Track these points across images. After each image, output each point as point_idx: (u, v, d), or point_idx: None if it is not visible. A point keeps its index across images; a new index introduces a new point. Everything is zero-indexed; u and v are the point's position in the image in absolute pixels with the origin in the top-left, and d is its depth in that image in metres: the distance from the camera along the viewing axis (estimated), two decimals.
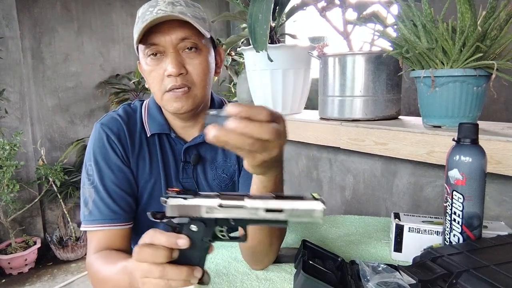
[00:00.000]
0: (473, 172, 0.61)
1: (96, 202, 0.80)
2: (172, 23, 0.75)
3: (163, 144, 0.88)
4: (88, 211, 0.81)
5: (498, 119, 1.25)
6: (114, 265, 0.69)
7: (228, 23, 3.34)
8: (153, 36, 0.76)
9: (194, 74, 0.79)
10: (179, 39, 0.76)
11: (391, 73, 1.23)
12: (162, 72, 0.78)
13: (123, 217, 0.81)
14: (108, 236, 0.80)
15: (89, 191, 0.81)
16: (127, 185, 0.83)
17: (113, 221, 0.80)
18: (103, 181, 0.81)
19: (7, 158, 2.38)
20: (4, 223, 2.56)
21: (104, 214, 0.80)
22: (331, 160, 1.56)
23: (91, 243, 0.80)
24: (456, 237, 0.64)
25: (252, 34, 1.22)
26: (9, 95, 2.62)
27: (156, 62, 0.78)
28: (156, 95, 0.82)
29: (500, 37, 0.90)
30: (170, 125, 0.87)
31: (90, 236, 0.81)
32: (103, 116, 0.88)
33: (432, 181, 1.18)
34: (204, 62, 0.80)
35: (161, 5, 0.76)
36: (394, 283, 0.61)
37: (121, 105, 0.91)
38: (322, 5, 1.46)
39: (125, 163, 0.84)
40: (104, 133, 0.83)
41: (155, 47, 0.77)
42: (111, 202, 0.80)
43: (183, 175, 0.88)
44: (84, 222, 0.81)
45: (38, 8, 2.74)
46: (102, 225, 0.79)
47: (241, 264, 0.79)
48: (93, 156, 0.82)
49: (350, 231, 0.96)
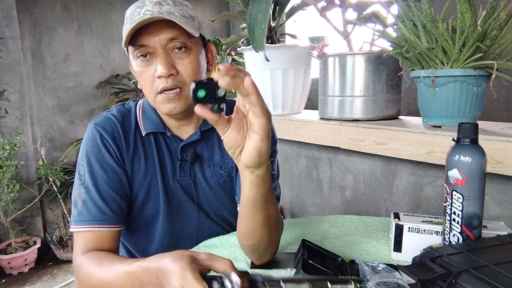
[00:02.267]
0: (473, 172, 0.61)
1: (85, 202, 0.78)
2: (160, 24, 0.74)
3: (159, 143, 0.87)
4: (77, 211, 0.79)
5: (498, 119, 1.25)
6: (110, 268, 0.68)
7: (228, 23, 3.34)
8: (141, 38, 0.75)
9: (185, 74, 0.78)
10: (168, 40, 0.75)
11: (391, 73, 1.23)
12: (152, 73, 0.77)
13: (113, 218, 0.79)
14: (96, 238, 0.77)
15: (79, 191, 0.79)
16: (119, 186, 0.82)
17: (103, 222, 0.78)
18: (94, 181, 0.79)
19: (7, 158, 2.38)
20: (4, 223, 2.56)
21: (93, 214, 0.78)
22: (331, 160, 1.56)
23: (78, 243, 0.77)
24: (455, 237, 0.64)
25: (251, 33, 1.22)
26: (9, 95, 2.62)
27: (146, 63, 0.77)
28: (149, 97, 0.81)
29: (500, 37, 0.90)
30: (165, 124, 0.87)
31: (77, 236, 0.78)
32: (97, 117, 0.87)
33: (432, 181, 1.18)
34: (194, 61, 0.79)
35: (148, 5, 0.75)
36: (393, 283, 0.61)
37: (115, 105, 0.90)
38: (322, 5, 1.46)
39: (119, 164, 0.82)
40: (97, 133, 0.82)
41: (144, 48, 0.76)
42: (102, 202, 0.78)
43: (180, 174, 0.87)
44: (73, 223, 0.79)
45: (38, 8, 2.74)
46: (90, 226, 0.77)
47: (241, 263, 0.79)
48: (86, 156, 0.81)
49: (350, 231, 0.96)
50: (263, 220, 0.68)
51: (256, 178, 0.61)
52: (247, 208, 0.66)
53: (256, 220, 0.68)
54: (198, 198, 0.89)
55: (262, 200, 0.64)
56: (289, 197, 1.85)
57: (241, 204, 0.68)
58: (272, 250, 0.77)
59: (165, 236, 0.89)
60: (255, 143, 0.56)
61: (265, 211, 0.66)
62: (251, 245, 0.73)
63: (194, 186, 0.89)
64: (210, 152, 0.90)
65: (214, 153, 0.90)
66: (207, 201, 0.90)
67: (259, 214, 0.67)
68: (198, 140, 0.87)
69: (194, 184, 0.89)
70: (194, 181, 0.89)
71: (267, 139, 0.57)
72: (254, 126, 0.56)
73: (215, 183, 0.90)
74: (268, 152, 0.59)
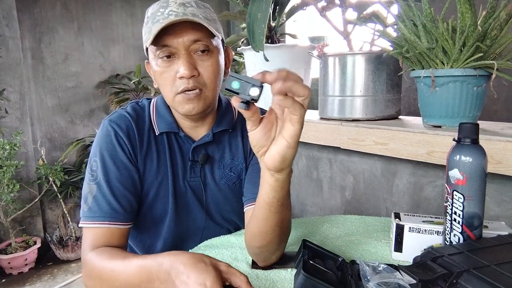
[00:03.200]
0: (474, 172, 0.61)
1: (97, 198, 0.78)
2: (185, 25, 0.74)
3: (172, 143, 0.87)
4: (87, 207, 0.77)
5: (498, 119, 1.25)
6: (122, 260, 0.67)
7: (228, 23, 3.34)
8: (165, 38, 0.74)
9: (206, 76, 0.78)
10: (192, 41, 0.75)
11: (391, 73, 1.23)
12: (173, 74, 0.77)
13: (123, 216, 0.79)
14: (106, 234, 0.77)
15: (90, 187, 0.79)
16: (131, 184, 0.82)
17: (113, 219, 0.77)
18: (107, 178, 0.79)
19: (7, 158, 2.38)
20: (4, 223, 2.56)
21: (104, 211, 0.77)
22: (331, 160, 1.55)
23: (87, 240, 0.76)
24: (456, 237, 0.64)
25: (251, 33, 1.22)
26: (9, 95, 2.62)
27: (167, 63, 0.77)
28: (167, 97, 0.81)
29: (500, 37, 0.90)
30: (178, 124, 0.87)
31: (87, 232, 0.77)
32: (112, 113, 0.86)
33: (432, 181, 1.18)
34: (215, 64, 0.79)
35: (172, 6, 0.75)
36: (394, 283, 0.61)
37: (129, 103, 0.90)
38: (322, 5, 1.46)
39: (132, 161, 0.82)
40: (112, 130, 0.81)
41: (167, 48, 0.75)
42: (113, 199, 0.78)
43: (191, 174, 0.87)
44: (82, 218, 0.78)
45: (38, 8, 2.73)
46: (101, 222, 0.76)
47: (241, 264, 0.79)
48: (99, 152, 0.80)
49: (350, 231, 0.96)
50: (275, 224, 0.67)
51: (275, 181, 0.60)
52: (262, 210, 0.65)
53: (269, 223, 0.67)
54: (207, 199, 0.89)
55: (278, 204, 0.63)
56: None
57: (256, 205, 0.67)
58: (278, 254, 0.76)
59: (170, 235, 0.89)
60: (281, 148, 0.55)
61: (279, 215, 0.66)
62: (259, 247, 0.73)
63: (204, 187, 0.89)
64: (221, 154, 0.90)
65: (224, 155, 0.90)
66: (215, 203, 0.90)
67: (272, 217, 0.66)
68: (209, 141, 0.87)
69: (203, 185, 0.89)
70: (204, 182, 0.89)
71: (295, 147, 0.55)
72: (285, 132, 0.54)
73: (224, 184, 0.90)
74: (292, 159, 0.57)
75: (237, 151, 0.91)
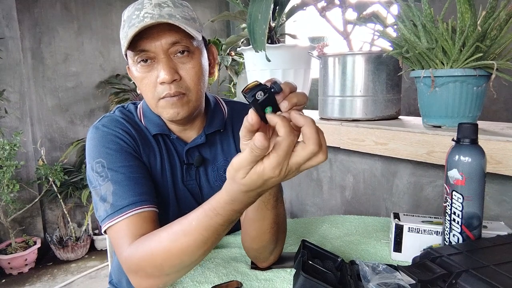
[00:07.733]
0: (473, 172, 0.61)
1: (115, 192, 0.71)
2: (162, 27, 0.71)
3: (167, 145, 0.84)
4: (109, 205, 0.70)
5: (498, 119, 1.25)
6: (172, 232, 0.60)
7: (228, 23, 3.34)
8: (142, 42, 0.71)
9: (188, 79, 0.75)
10: (170, 44, 0.72)
11: (391, 73, 1.23)
12: (154, 79, 0.73)
13: (148, 199, 0.72)
14: (139, 221, 0.68)
15: (106, 187, 0.72)
16: (145, 170, 0.76)
17: (142, 203, 0.70)
18: (118, 170, 0.73)
19: (7, 158, 2.38)
20: (4, 223, 2.56)
21: (129, 199, 0.70)
22: (331, 160, 1.55)
23: (120, 236, 0.67)
24: (455, 237, 0.64)
25: (251, 34, 1.22)
26: (9, 95, 2.62)
27: (147, 68, 0.74)
28: (150, 103, 0.78)
29: (500, 37, 0.90)
30: (168, 127, 0.84)
31: (117, 228, 0.69)
32: (99, 119, 0.82)
33: (432, 181, 1.18)
34: (197, 66, 0.75)
35: (147, 7, 0.71)
36: (394, 284, 0.61)
37: (115, 108, 0.87)
38: (322, 5, 1.46)
39: (138, 157, 0.78)
40: (110, 130, 0.77)
41: (144, 53, 0.72)
42: (133, 185, 0.72)
43: (187, 177, 0.85)
44: (107, 218, 0.70)
45: (38, 8, 2.74)
46: (129, 211, 0.68)
47: (241, 264, 0.79)
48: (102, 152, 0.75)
49: (349, 231, 0.96)
50: (272, 221, 0.67)
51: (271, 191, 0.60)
52: (258, 210, 0.64)
53: (266, 221, 0.67)
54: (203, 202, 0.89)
55: (274, 199, 0.63)
56: (289, 197, 1.85)
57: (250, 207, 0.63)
58: (277, 253, 0.76)
59: None
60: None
61: (275, 211, 0.66)
62: (257, 249, 0.72)
63: (200, 190, 0.87)
64: (214, 156, 0.88)
65: (217, 157, 0.88)
66: None
67: (269, 215, 0.65)
68: (202, 143, 0.85)
69: (199, 188, 0.87)
70: (199, 185, 0.87)
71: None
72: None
73: (219, 187, 0.89)
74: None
75: (230, 151, 0.89)
